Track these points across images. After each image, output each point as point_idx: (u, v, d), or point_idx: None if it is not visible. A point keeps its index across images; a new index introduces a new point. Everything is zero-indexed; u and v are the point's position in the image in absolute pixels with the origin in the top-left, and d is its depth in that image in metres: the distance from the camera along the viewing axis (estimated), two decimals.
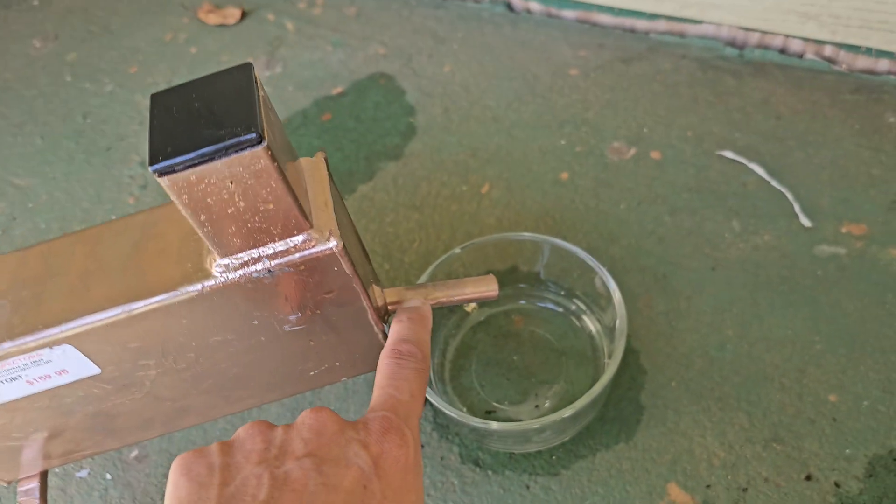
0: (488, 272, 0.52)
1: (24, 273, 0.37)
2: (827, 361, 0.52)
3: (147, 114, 0.77)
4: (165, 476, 0.54)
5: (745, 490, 0.47)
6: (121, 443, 0.43)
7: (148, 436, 0.43)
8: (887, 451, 0.48)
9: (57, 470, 0.56)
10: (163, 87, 0.83)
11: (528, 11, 0.81)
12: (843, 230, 0.58)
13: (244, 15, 0.88)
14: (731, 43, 0.72)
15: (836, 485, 0.47)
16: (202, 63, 0.84)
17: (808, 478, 0.47)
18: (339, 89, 0.77)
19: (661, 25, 0.75)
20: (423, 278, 0.51)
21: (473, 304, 0.57)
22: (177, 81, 0.83)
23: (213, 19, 0.88)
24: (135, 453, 0.56)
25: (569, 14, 0.79)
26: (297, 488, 0.26)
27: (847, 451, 0.48)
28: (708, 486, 0.48)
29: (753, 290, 0.56)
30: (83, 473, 0.55)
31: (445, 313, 0.56)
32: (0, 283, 0.37)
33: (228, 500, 0.26)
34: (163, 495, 0.53)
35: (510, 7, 0.82)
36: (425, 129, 0.72)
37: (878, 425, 0.49)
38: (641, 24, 0.76)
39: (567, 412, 0.44)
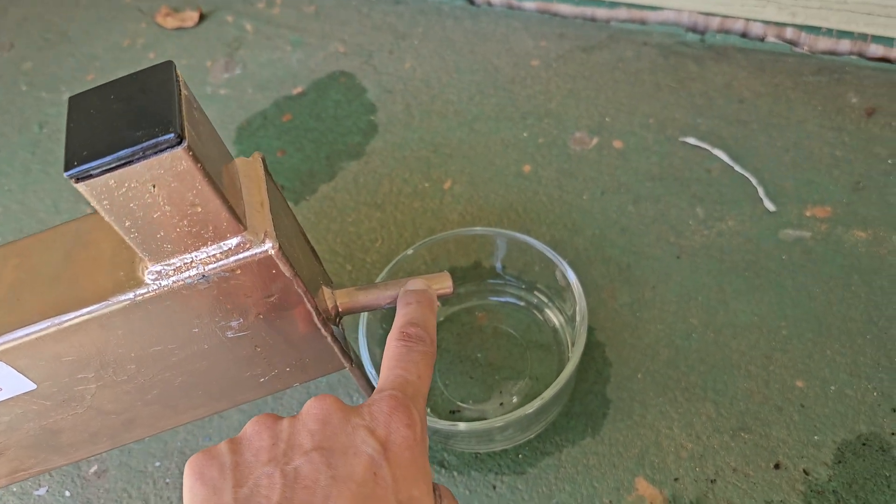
0: (445, 270, 0.50)
1: None
2: (793, 347, 0.51)
3: None
4: (125, 491, 0.53)
5: (713, 481, 0.47)
6: (68, 459, 0.42)
7: (96, 450, 0.42)
8: (856, 437, 0.47)
9: (14, 489, 0.54)
10: None
11: (489, 4, 0.80)
12: (808, 213, 0.57)
13: (202, 17, 0.87)
14: (693, 28, 0.72)
15: (805, 472, 0.46)
16: None
17: (777, 466, 0.47)
18: (299, 89, 0.76)
19: (622, 13, 0.74)
20: (379, 279, 0.50)
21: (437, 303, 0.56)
22: None
23: (171, 23, 0.86)
24: (94, 469, 0.54)
25: (529, 5, 0.78)
26: (308, 484, 0.26)
27: (815, 437, 0.47)
28: (676, 479, 0.47)
29: (719, 276, 0.55)
30: (41, 492, 0.54)
31: None
32: None
33: (244, 502, 0.27)
34: None
35: (470, 0, 0.81)
36: (386, 126, 0.71)
37: (846, 409, 0.48)
38: (602, 12, 0.75)
39: (529, 409, 0.43)
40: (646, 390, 0.51)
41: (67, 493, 0.54)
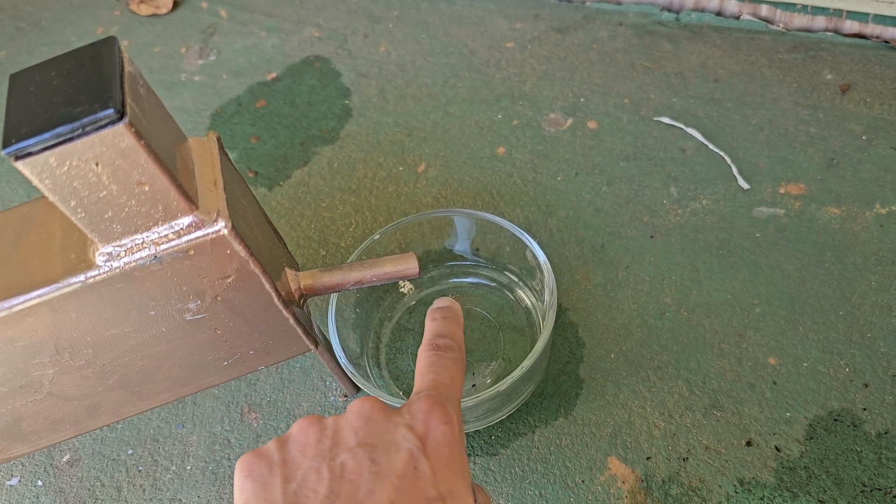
0: (412, 252, 0.50)
1: None
2: (766, 324, 0.51)
3: None
4: (98, 480, 0.52)
5: (685, 459, 0.46)
6: (31, 447, 0.42)
7: (60, 437, 0.42)
8: (827, 412, 0.47)
9: None
10: None
11: None
12: (782, 191, 0.57)
13: (176, 4, 0.86)
14: (668, 7, 0.71)
15: (777, 449, 0.46)
16: (135, 55, 0.82)
17: (749, 443, 0.46)
18: (273, 75, 0.75)
19: None
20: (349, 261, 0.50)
21: (409, 286, 0.55)
22: None
23: (144, 10, 0.85)
24: (66, 458, 0.54)
25: None
26: (353, 479, 0.28)
27: (787, 414, 0.47)
28: (648, 458, 0.47)
29: (692, 255, 0.55)
30: (13, 482, 0.54)
31: (380, 295, 0.54)
32: None
33: (293, 497, 0.28)
34: (95, 500, 0.51)
35: None
36: (361, 110, 0.70)
37: (818, 386, 0.48)
38: None
39: (501, 386, 0.43)
40: (619, 370, 0.50)
41: (40, 483, 0.53)
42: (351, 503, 0.27)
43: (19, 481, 0.54)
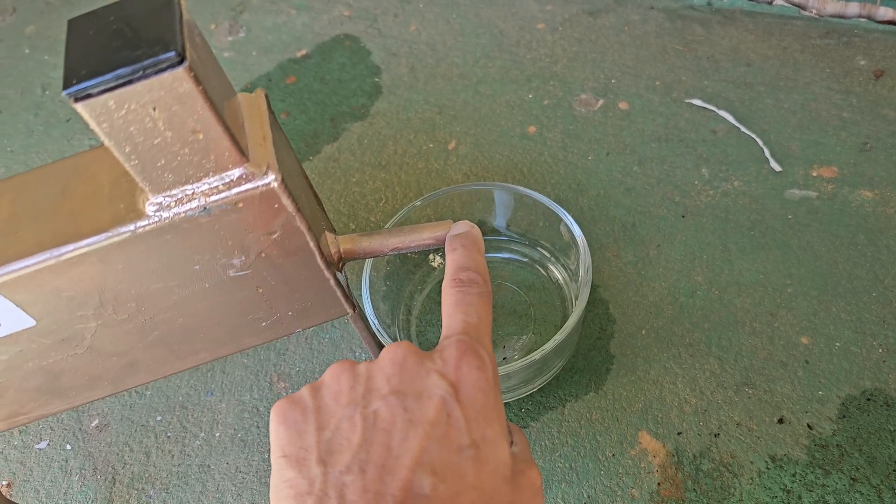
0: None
1: None
2: (798, 304, 0.51)
3: None
4: (127, 445, 0.53)
5: (716, 435, 0.46)
6: (69, 404, 0.42)
7: (97, 395, 0.42)
8: (860, 392, 0.47)
9: (16, 442, 0.54)
10: None
11: None
12: (814, 174, 0.57)
13: None
14: None
15: (809, 426, 0.46)
16: None
17: (781, 420, 0.46)
18: (303, 52, 0.76)
19: None
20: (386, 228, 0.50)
21: (439, 259, 0.56)
22: None
23: None
24: (95, 422, 0.54)
25: None
26: (385, 427, 0.28)
27: (820, 392, 0.47)
28: (679, 433, 0.47)
29: (723, 235, 0.55)
30: (42, 445, 0.54)
31: (411, 268, 0.55)
32: None
33: (327, 444, 0.28)
34: (124, 464, 0.52)
35: None
36: (391, 88, 0.70)
37: (851, 366, 0.48)
38: None
39: (532, 357, 0.43)
40: (650, 346, 0.50)
41: (69, 447, 0.53)
42: (383, 451, 0.28)
43: (48, 444, 0.54)
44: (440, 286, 0.54)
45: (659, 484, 0.45)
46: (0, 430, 0.42)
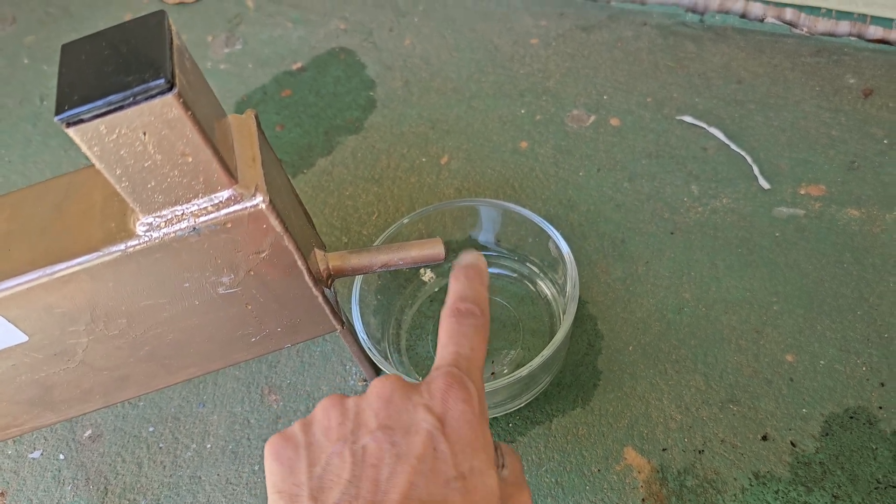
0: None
1: None
2: (784, 322, 0.51)
3: None
4: (119, 455, 0.53)
5: (701, 452, 0.47)
6: (61, 416, 0.42)
7: (89, 408, 0.42)
8: (843, 410, 0.47)
9: (9, 451, 0.55)
10: None
11: None
12: (802, 191, 0.57)
13: None
14: (692, 9, 0.72)
15: (793, 444, 0.46)
16: None
17: (765, 438, 0.47)
18: (298, 65, 0.76)
19: None
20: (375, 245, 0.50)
21: (430, 274, 0.56)
22: None
23: None
24: (88, 433, 0.55)
25: None
26: (374, 462, 0.29)
27: (804, 410, 0.47)
28: (664, 450, 0.47)
29: (712, 252, 0.55)
30: (36, 455, 0.55)
31: (402, 282, 0.55)
32: None
33: (318, 480, 0.29)
34: (116, 475, 0.52)
35: None
36: (385, 102, 0.71)
37: (835, 384, 0.48)
38: None
39: (520, 373, 0.44)
40: (636, 363, 0.51)
41: (62, 457, 0.54)
42: (372, 486, 0.28)
43: (42, 454, 0.54)
44: (430, 301, 0.55)
45: (643, 500, 0.45)
46: None
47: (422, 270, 0.56)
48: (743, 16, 0.70)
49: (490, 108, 0.68)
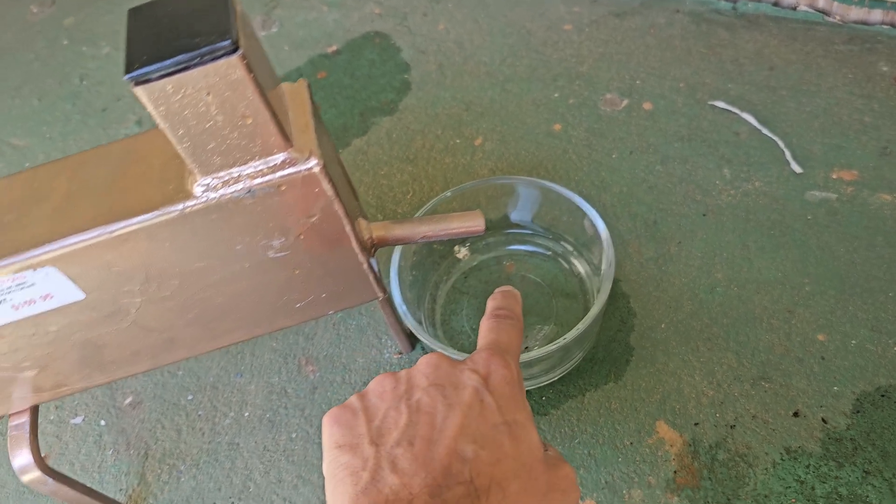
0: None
1: (9, 197, 0.37)
2: (816, 302, 0.52)
3: None
4: (159, 422, 0.54)
5: (732, 427, 0.47)
6: (110, 377, 0.44)
7: (137, 369, 0.44)
8: (875, 388, 0.48)
9: (52, 416, 0.56)
10: None
11: None
12: (834, 176, 0.58)
13: None
14: None
15: (824, 420, 0.47)
16: None
17: (796, 414, 0.47)
18: (333, 48, 0.77)
19: None
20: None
21: (464, 251, 0.57)
22: None
23: None
24: (129, 400, 0.56)
25: None
26: (428, 410, 0.31)
27: (835, 388, 0.48)
28: (696, 424, 0.48)
29: (744, 234, 0.56)
30: (78, 420, 0.56)
31: (436, 259, 0.56)
32: None
33: (377, 431, 0.31)
34: (156, 440, 0.54)
35: None
36: (419, 84, 0.72)
37: (866, 363, 0.49)
38: None
39: (553, 346, 0.44)
40: (669, 340, 0.52)
41: (103, 423, 0.55)
42: (428, 427, 0.30)
43: (83, 420, 0.56)
44: (465, 277, 0.56)
45: (675, 472, 0.46)
46: (44, 401, 0.44)
47: (456, 248, 0.57)
48: (776, 4, 0.70)
49: (524, 91, 0.69)
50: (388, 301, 0.47)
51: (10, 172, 0.74)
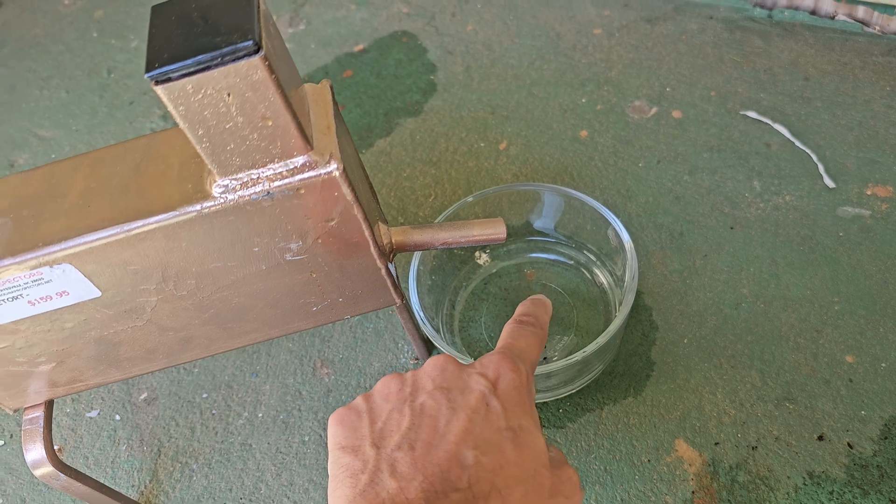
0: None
1: (27, 193, 0.37)
2: (845, 322, 0.50)
3: None
4: (173, 419, 0.54)
5: (754, 448, 0.46)
6: (125, 374, 0.43)
7: (152, 367, 0.43)
8: None
9: (68, 409, 0.56)
10: None
11: None
12: (868, 192, 0.56)
13: None
14: (760, 4, 0.70)
15: (850, 445, 0.46)
16: None
17: (821, 438, 0.46)
18: (360, 47, 0.77)
19: None
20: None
21: (485, 257, 0.56)
22: None
23: None
24: (144, 396, 0.56)
25: None
26: (432, 414, 0.31)
27: (862, 412, 0.47)
28: (716, 444, 0.47)
29: (772, 249, 0.55)
30: (93, 414, 0.56)
31: (457, 264, 0.55)
32: (2, 202, 0.37)
33: (380, 433, 0.31)
34: (169, 438, 0.53)
35: None
36: (446, 86, 0.71)
37: None
38: None
39: (575, 357, 0.44)
40: (691, 355, 0.51)
41: (118, 417, 0.55)
42: (430, 431, 0.30)
43: (98, 414, 0.56)
44: (485, 283, 0.55)
45: (693, 492, 0.45)
46: (59, 396, 0.44)
47: (477, 253, 0.57)
48: (813, 12, 0.69)
49: (551, 95, 0.68)
50: (406, 307, 0.46)
51: (35, 164, 0.74)
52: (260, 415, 0.53)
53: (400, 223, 0.61)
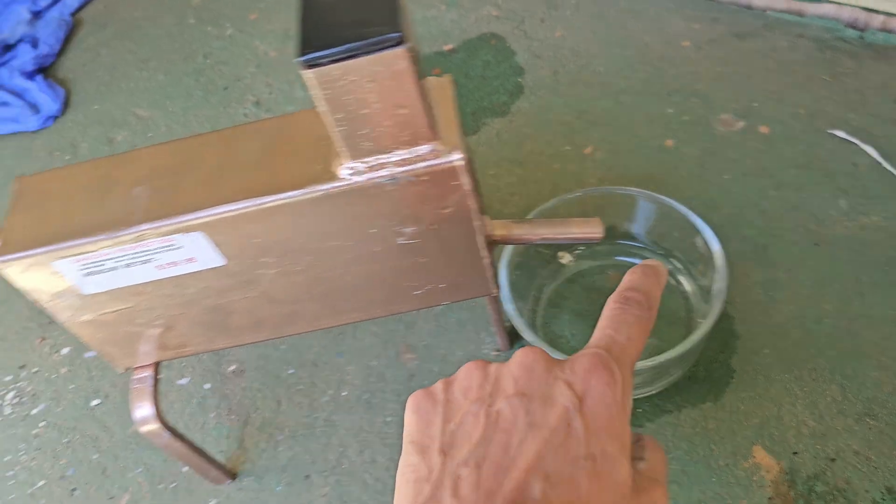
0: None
1: (162, 163, 0.39)
2: None
3: (264, 57, 0.80)
4: (260, 391, 0.57)
5: (833, 460, 0.47)
6: (231, 342, 0.46)
7: (257, 337, 0.46)
8: None
9: (160, 376, 0.59)
10: (279, 34, 0.86)
11: None
12: None
13: None
14: (853, 24, 0.71)
15: None
16: None
17: None
18: (450, 46, 0.79)
19: (780, 3, 0.73)
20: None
21: (569, 257, 0.58)
22: (293, 30, 0.86)
23: None
24: (233, 368, 0.59)
25: None
26: (506, 427, 0.28)
27: None
28: (795, 453, 0.47)
29: (857, 268, 0.55)
30: (184, 381, 0.59)
31: (541, 262, 0.57)
32: (139, 171, 0.39)
33: (450, 436, 0.29)
34: (256, 409, 0.56)
35: None
36: (533, 89, 0.73)
37: None
38: (759, 1, 0.74)
39: (656, 360, 0.45)
40: (771, 366, 0.51)
41: (207, 386, 0.58)
42: (501, 451, 0.28)
43: (189, 382, 0.59)
44: (568, 283, 0.56)
45: (770, 499, 0.46)
46: (167, 359, 0.47)
47: (560, 253, 0.58)
48: None
49: (637, 104, 0.69)
50: (496, 298, 0.48)
51: (133, 141, 0.78)
52: (344, 393, 0.56)
53: None
